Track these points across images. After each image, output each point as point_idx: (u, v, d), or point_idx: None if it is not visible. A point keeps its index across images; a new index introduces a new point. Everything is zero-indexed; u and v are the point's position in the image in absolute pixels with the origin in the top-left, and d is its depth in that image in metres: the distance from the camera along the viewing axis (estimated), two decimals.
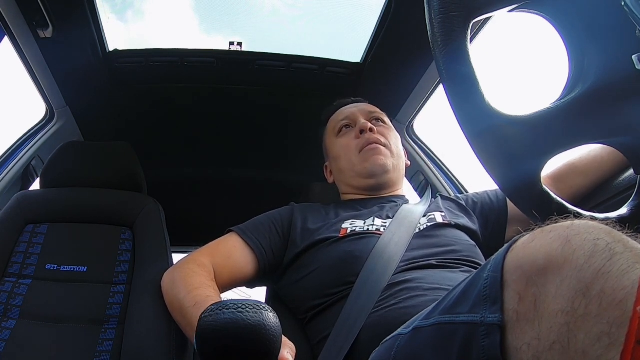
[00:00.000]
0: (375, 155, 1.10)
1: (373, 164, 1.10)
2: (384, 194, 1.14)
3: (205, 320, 0.54)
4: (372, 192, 1.14)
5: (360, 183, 1.13)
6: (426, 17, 0.53)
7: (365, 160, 1.10)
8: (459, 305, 0.51)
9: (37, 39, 1.23)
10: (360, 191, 1.15)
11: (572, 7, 0.60)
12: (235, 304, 0.55)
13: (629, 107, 0.55)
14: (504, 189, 0.56)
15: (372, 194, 1.14)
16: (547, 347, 0.40)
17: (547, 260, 0.42)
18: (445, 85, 0.52)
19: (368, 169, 1.10)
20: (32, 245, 1.14)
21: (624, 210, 0.62)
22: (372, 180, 1.11)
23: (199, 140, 1.80)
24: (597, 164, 1.01)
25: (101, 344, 1.04)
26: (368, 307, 0.81)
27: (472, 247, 0.98)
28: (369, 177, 1.11)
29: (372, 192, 1.14)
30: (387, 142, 1.13)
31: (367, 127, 1.12)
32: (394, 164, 1.12)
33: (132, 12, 1.46)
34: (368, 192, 1.14)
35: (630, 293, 0.36)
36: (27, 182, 1.48)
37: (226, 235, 1.04)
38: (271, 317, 0.54)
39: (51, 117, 1.55)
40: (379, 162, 1.10)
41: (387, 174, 1.11)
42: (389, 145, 1.13)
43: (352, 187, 1.16)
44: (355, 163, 1.12)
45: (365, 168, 1.10)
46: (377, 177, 1.11)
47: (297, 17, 1.51)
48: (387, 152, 1.12)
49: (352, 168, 1.13)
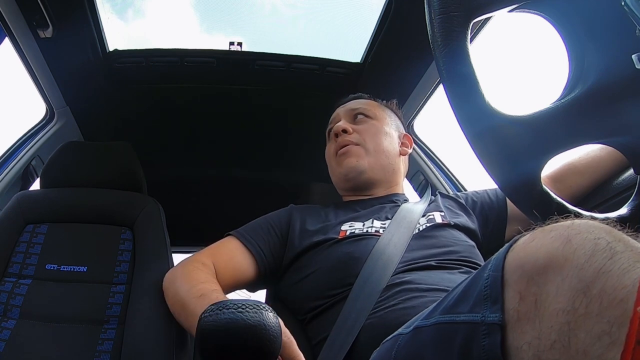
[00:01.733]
0: (346, 158, 1.10)
1: (345, 167, 1.10)
2: (379, 193, 1.13)
3: (205, 320, 0.54)
4: (359, 192, 1.13)
5: (344, 186, 1.14)
6: (426, 17, 0.53)
7: (338, 165, 1.11)
8: (459, 305, 0.51)
9: (37, 39, 1.23)
10: (350, 193, 1.15)
11: (572, 7, 0.60)
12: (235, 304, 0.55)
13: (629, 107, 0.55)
14: (503, 189, 0.56)
15: (363, 194, 1.13)
16: (548, 347, 0.40)
17: (547, 260, 0.42)
18: (445, 85, 0.52)
19: (342, 172, 1.11)
20: (32, 245, 1.14)
21: (624, 210, 0.62)
22: (350, 183, 1.12)
23: (199, 140, 1.80)
24: (596, 163, 1.02)
25: (101, 344, 1.04)
26: (367, 307, 0.81)
27: (471, 247, 0.98)
28: (346, 181, 1.11)
29: (360, 192, 1.13)
30: (361, 140, 1.10)
31: (339, 130, 1.11)
32: (371, 161, 1.09)
33: (132, 12, 1.46)
34: (356, 193, 1.14)
35: (630, 292, 0.36)
36: (27, 182, 1.47)
37: (225, 239, 1.04)
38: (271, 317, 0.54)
39: (51, 117, 1.55)
40: (349, 165, 1.09)
41: (363, 174, 1.09)
42: (364, 143, 1.10)
43: (342, 191, 1.17)
44: (334, 168, 1.14)
45: (340, 172, 1.11)
46: (353, 179, 1.10)
47: (297, 17, 1.51)
48: (360, 151, 1.09)
49: (333, 173, 1.15)
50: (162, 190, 1.48)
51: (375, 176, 1.11)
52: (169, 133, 1.76)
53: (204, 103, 1.65)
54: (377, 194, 1.13)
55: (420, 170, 1.64)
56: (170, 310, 0.95)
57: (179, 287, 0.91)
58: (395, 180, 1.15)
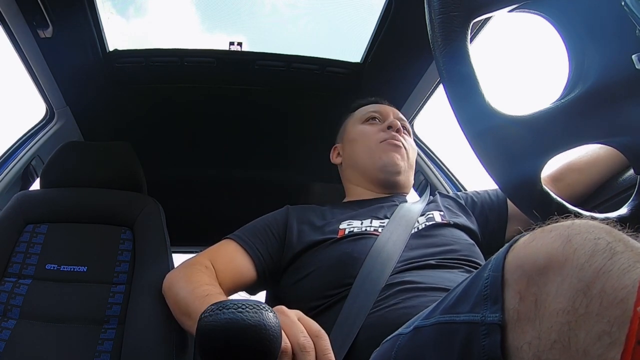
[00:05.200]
0: (394, 152, 1.11)
1: (389, 159, 1.11)
2: (386, 193, 1.13)
3: (205, 320, 0.54)
4: (376, 187, 1.13)
5: (370, 174, 1.13)
6: (426, 17, 0.53)
7: (383, 152, 1.12)
8: (459, 305, 0.51)
9: (37, 39, 1.23)
10: (365, 183, 1.15)
11: (572, 7, 0.60)
12: (235, 304, 0.54)
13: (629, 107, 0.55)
14: (504, 189, 0.56)
15: (379, 191, 1.13)
16: (548, 347, 0.40)
17: (547, 260, 0.42)
18: (445, 86, 0.52)
19: (384, 160, 1.11)
20: (32, 245, 1.14)
21: (624, 210, 0.62)
22: (381, 175, 1.12)
23: (199, 140, 1.80)
24: (596, 161, 1.02)
25: (101, 344, 1.04)
26: (366, 307, 0.81)
27: (471, 246, 0.97)
28: (380, 171, 1.11)
29: (377, 188, 1.13)
30: (408, 148, 1.15)
31: (397, 126, 1.14)
32: (406, 168, 1.13)
33: (132, 12, 1.46)
34: (372, 186, 1.14)
35: (630, 292, 0.36)
36: (27, 182, 1.47)
37: (223, 242, 1.03)
38: (271, 317, 0.54)
39: (51, 117, 1.55)
40: (394, 160, 1.11)
41: (398, 175, 1.12)
42: (408, 151, 1.15)
43: (359, 175, 1.16)
44: (373, 151, 1.13)
45: (380, 159, 1.11)
46: (388, 173, 1.11)
47: (298, 17, 1.51)
48: (405, 155, 1.13)
49: (369, 156, 1.13)
50: (162, 190, 1.48)
51: (401, 181, 1.14)
52: (169, 133, 1.76)
53: (204, 103, 1.65)
54: (382, 194, 1.13)
55: (420, 170, 1.64)
56: (172, 312, 0.94)
57: (181, 288, 0.90)
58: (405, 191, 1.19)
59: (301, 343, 0.61)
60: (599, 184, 1.02)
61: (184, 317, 0.89)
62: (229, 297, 0.98)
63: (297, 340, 0.61)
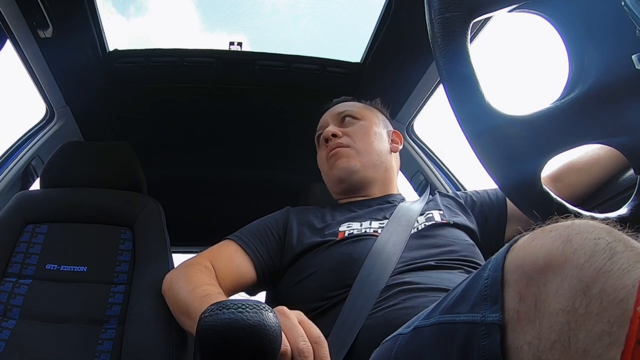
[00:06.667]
0: (337, 159, 1.11)
1: (337, 169, 1.11)
2: (374, 194, 1.13)
3: (205, 320, 0.54)
4: (354, 194, 1.13)
5: (338, 189, 1.15)
6: (426, 17, 0.53)
7: (331, 168, 1.12)
8: (459, 305, 0.51)
9: (37, 39, 1.23)
10: (345, 196, 1.15)
11: (572, 7, 0.60)
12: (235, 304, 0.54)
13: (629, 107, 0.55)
14: (503, 189, 0.56)
15: (358, 195, 1.13)
16: (548, 346, 0.40)
17: (547, 260, 0.42)
18: (445, 86, 0.52)
19: (336, 174, 1.11)
20: (32, 245, 1.14)
21: (624, 210, 0.62)
22: (344, 185, 1.12)
23: (199, 140, 1.80)
24: (596, 161, 1.02)
25: (101, 344, 1.04)
26: (367, 307, 0.81)
27: (470, 246, 0.97)
28: (340, 183, 1.12)
29: (355, 194, 1.13)
30: (351, 142, 1.12)
31: (329, 135, 1.13)
32: (362, 161, 1.10)
33: (132, 12, 1.46)
34: (351, 195, 1.14)
35: (630, 292, 0.36)
36: (27, 182, 1.48)
37: (223, 243, 1.04)
38: (271, 317, 0.54)
39: (51, 117, 1.55)
40: (341, 166, 1.10)
41: (356, 174, 1.10)
42: (354, 144, 1.11)
43: (338, 195, 1.17)
44: (327, 172, 1.15)
45: (334, 175, 1.12)
46: (346, 180, 1.11)
47: (298, 17, 1.51)
48: (351, 152, 1.11)
49: (327, 177, 1.16)
50: (162, 190, 1.48)
51: (368, 175, 1.11)
52: (169, 133, 1.76)
53: (204, 103, 1.65)
54: (373, 195, 1.13)
55: (420, 170, 1.64)
56: (172, 312, 0.94)
57: (180, 288, 0.90)
58: (389, 178, 1.16)
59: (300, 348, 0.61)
60: (599, 184, 1.02)
61: (183, 317, 0.89)
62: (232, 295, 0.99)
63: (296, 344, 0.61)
